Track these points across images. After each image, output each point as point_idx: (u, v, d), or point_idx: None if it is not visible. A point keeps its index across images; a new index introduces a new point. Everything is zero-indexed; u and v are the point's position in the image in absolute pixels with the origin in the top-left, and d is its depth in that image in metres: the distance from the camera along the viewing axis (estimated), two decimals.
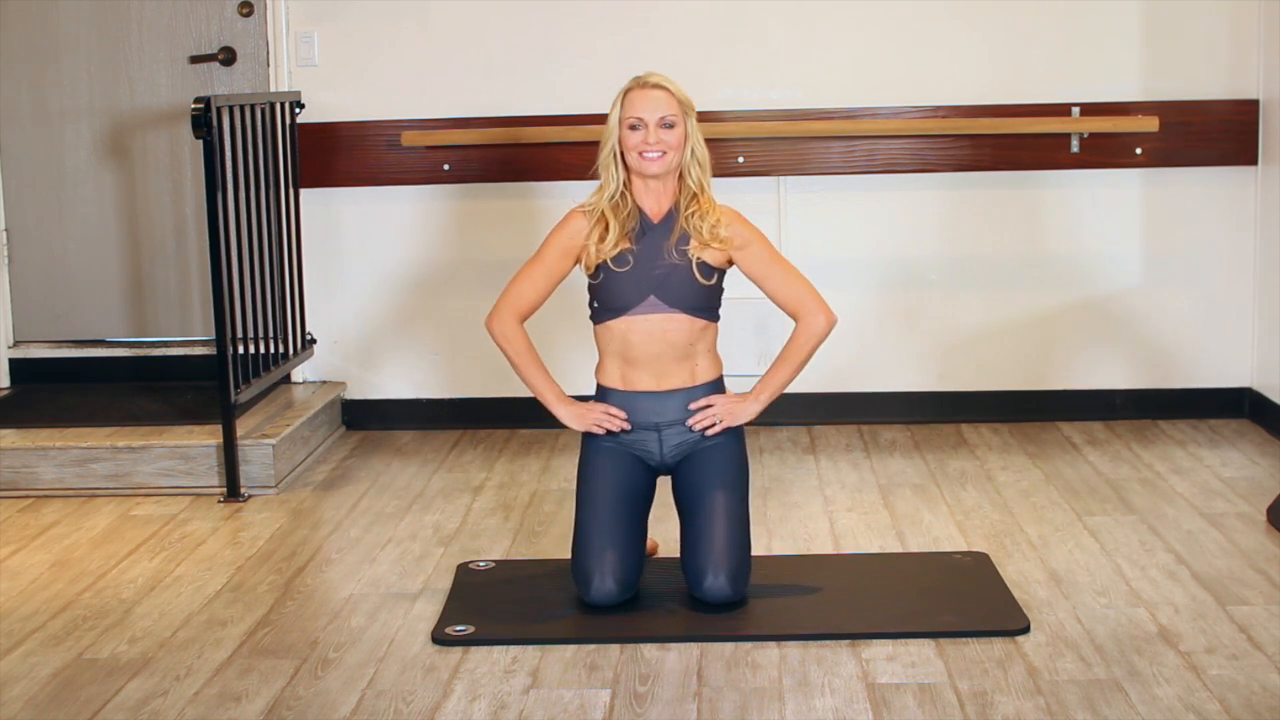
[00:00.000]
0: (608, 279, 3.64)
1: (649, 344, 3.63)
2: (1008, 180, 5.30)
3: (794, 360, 3.70)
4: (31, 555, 4.17)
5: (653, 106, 3.59)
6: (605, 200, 3.64)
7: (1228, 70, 5.20)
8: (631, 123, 3.60)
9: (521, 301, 3.71)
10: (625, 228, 3.62)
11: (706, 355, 3.69)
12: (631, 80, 3.65)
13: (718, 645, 3.40)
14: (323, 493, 4.73)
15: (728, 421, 3.68)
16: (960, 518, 4.32)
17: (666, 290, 3.61)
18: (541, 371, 3.74)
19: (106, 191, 5.59)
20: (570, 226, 3.68)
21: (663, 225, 3.65)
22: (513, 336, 3.71)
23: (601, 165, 3.66)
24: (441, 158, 5.34)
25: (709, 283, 3.64)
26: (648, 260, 3.62)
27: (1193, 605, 3.59)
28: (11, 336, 5.65)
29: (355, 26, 5.33)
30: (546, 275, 3.70)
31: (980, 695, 3.12)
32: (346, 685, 3.25)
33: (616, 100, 3.64)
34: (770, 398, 3.72)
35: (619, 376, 3.69)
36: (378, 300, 5.47)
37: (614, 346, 3.68)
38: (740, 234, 3.65)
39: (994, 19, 5.24)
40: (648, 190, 3.66)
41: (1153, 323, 5.35)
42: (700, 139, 3.66)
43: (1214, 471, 4.71)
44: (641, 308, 3.62)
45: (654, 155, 3.59)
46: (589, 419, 3.68)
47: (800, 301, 3.69)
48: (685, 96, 3.64)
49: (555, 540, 4.16)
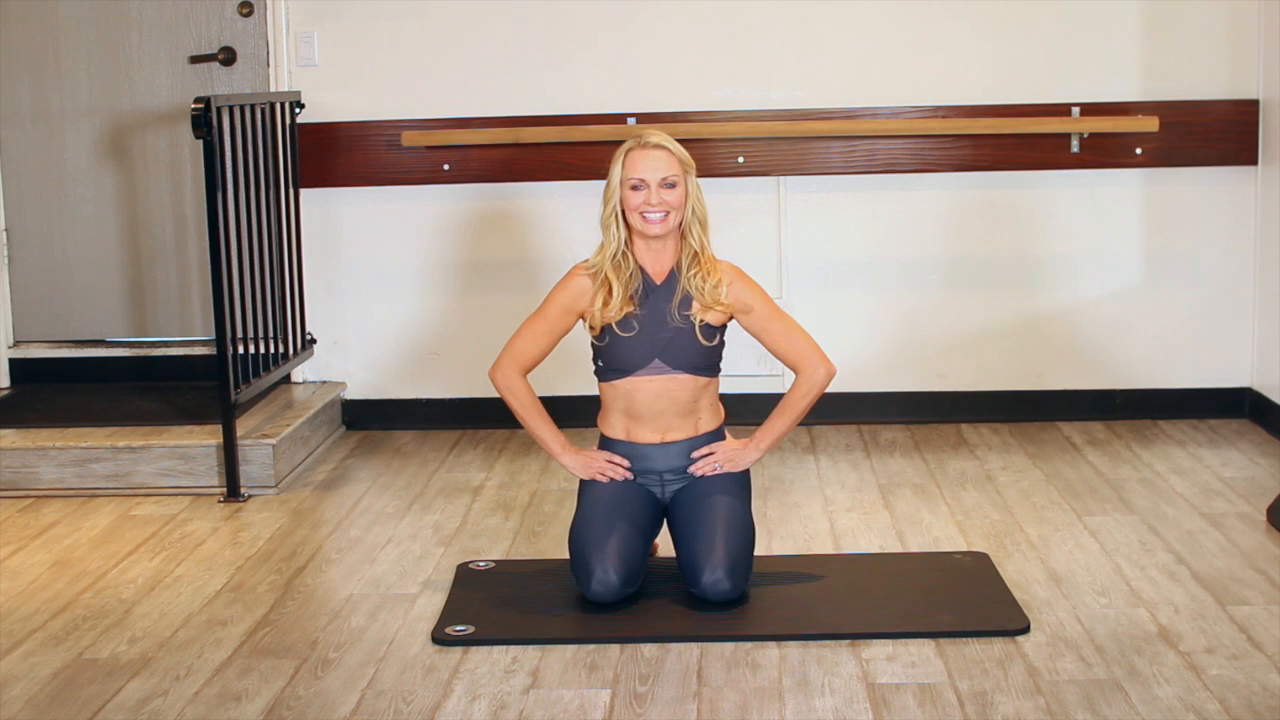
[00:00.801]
0: (613, 343, 3.68)
1: (654, 403, 3.70)
2: (1008, 180, 5.30)
3: (794, 410, 3.77)
4: (31, 555, 4.17)
5: (654, 167, 3.62)
6: (607, 260, 3.68)
7: (1228, 70, 5.20)
8: (633, 183, 3.62)
9: (524, 357, 3.76)
10: (628, 289, 3.67)
11: (709, 409, 3.77)
12: (631, 140, 3.68)
13: (718, 645, 3.40)
14: (323, 493, 4.73)
15: (728, 468, 3.76)
16: (960, 518, 4.32)
17: (671, 354, 3.67)
18: (545, 422, 3.79)
19: (106, 191, 5.59)
20: (573, 286, 3.72)
21: (665, 287, 3.69)
22: (517, 389, 3.77)
23: (603, 224, 3.69)
24: (441, 158, 5.33)
25: (711, 344, 3.71)
26: (652, 324, 3.67)
27: (1193, 605, 3.59)
28: (11, 336, 5.65)
29: (355, 26, 5.33)
30: (549, 332, 3.75)
31: (980, 695, 3.12)
32: (346, 685, 3.25)
33: (617, 159, 3.66)
34: (770, 445, 3.79)
35: (623, 430, 3.75)
36: (378, 300, 5.47)
37: (619, 404, 3.74)
38: (741, 297, 3.70)
39: (994, 19, 5.24)
40: (649, 250, 3.69)
41: (1153, 323, 5.35)
42: (700, 197, 3.70)
43: (1214, 471, 4.71)
44: (646, 370, 3.68)
45: (656, 216, 3.62)
46: (594, 468, 3.75)
47: (801, 354, 3.75)
48: (685, 155, 3.68)
49: (555, 540, 4.16)
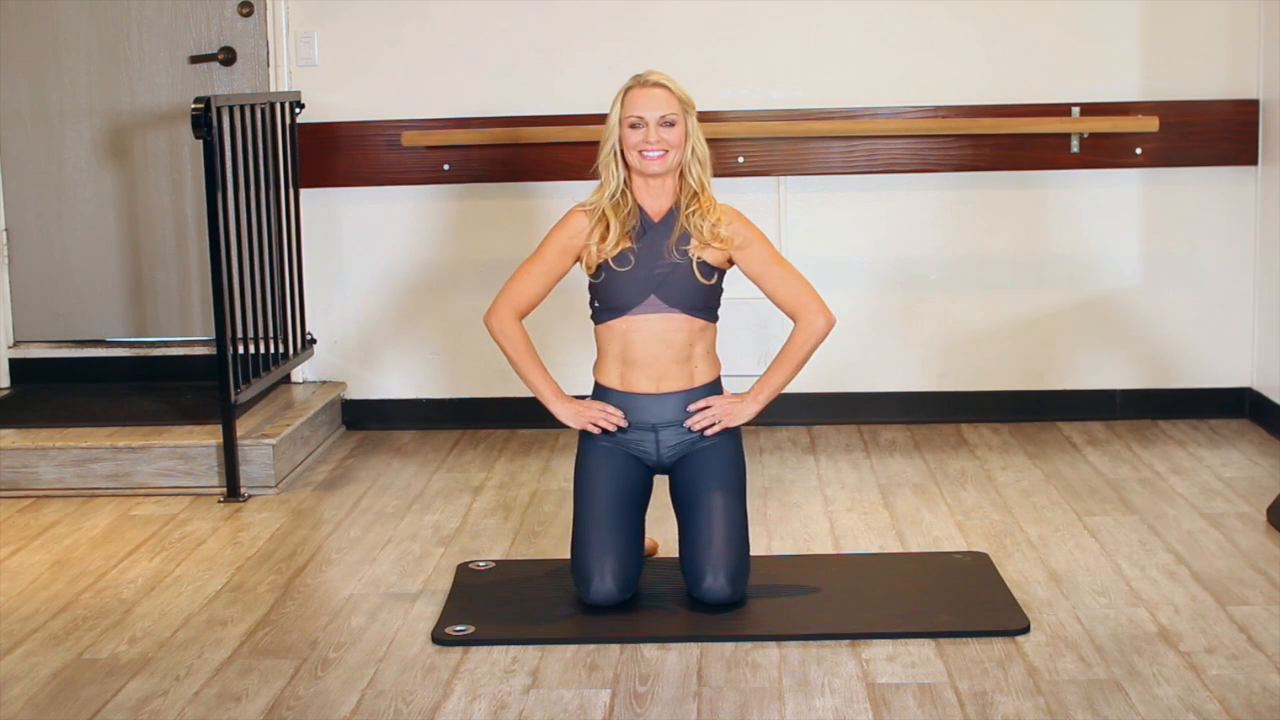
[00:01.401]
0: (609, 278, 3.63)
1: (649, 345, 3.63)
2: (1008, 180, 5.30)
3: (792, 361, 3.70)
4: (31, 555, 4.17)
5: (653, 105, 3.58)
6: (606, 199, 3.64)
7: (1228, 70, 5.20)
8: (632, 121, 3.59)
9: (520, 299, 3.71)
10: (626, 227, 3.62)
11: (705, 357, 3.69)
12: (631, 79, 3.65)
13: (718, 645, 3.40)
14: (323, 493, 4.73)
15: (726, 422, 3.68)
16: (960, 518, 4.31)
17: (667, 290, 3.61)
18: (539, 368, 3.73)
19: (106, 191, 5.59)
20: (571, 225, 3.67)
21: (663, 224, 3.65)
22: (511, 333, 3.71)
23: (601, 164, 3.65)
24: (441, 158, 5.33)
25: (709, 282, 3.64)
26: (648, 259, 3.62)
27: (1193, 605, 3.59)
28: (11, 336, 5.65)
29: (355, 26, 5.33)
30: (546, 273, 3.70)
31: (980, 695, 3.12)
32: (346, 685, 3.25)
33: (616, 99, 3.63)
34: (769, 398, 3.71)
35: (617, 377, 3.68)
36: (378, 300, 5.47)
37: (614, 347, 3.68)
38: (740, 233, 3.65)
39: (994, 19, 5.24)
40: (648, 189, 3.65)
41: (1153, 323, 5.35)
42: (700, 137, 3.65)
43: (1214, 471, 4.71)
44: (642, 308, 3.62)
45: (655, 154, 3.59)
46: (586, 417, 3.68)
47: (799, 301, 3.69)
48: (685, 94, 3.63)
49: (555, 540, 4.16)
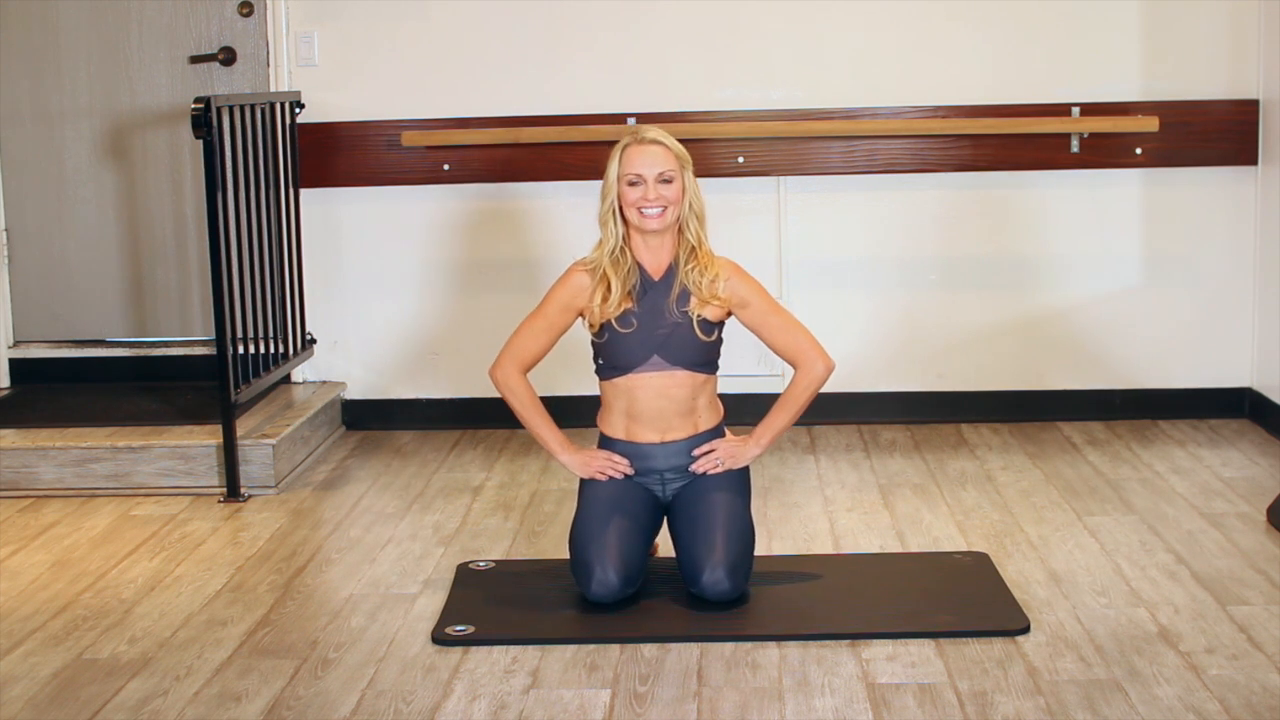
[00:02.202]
0: (612, 339, 3.68)
1: (653, 401, 3.69)
2: (1008, 180, 5.30)
3: (793, 405, 3.76)
4: (31, 555, 4.17)
5: (651, 162, 3.61)
6: (605, 256, 3.67)
7: (1228, 70, 5.20)
8: (630, 179, 3.62)
9: (524, 354, 3.76)
10: (626, 286, 3.66)
11: (708, 407, 3.76)
12: (627, 136, 3.68)
13: (718, 645, 3.40)
14: (323, 493, 4.73)
15: (729, 464, 3.75)
16: (960, 518, 4.31)
17: (669, 350, 3.66)
18: (545, 421, 3.78)
19: (106, 191, 5.59)
20: (572, 284, 3.71)
21: (663, 283, 3.69)
22: (516, 388, 3.76)
23: (600, 221, 3.69)
24: (441, 158, 5.33)
25: (710, 339, 3.70)
26: (650, 320, 3.67)
27: (1193, 605, 3.59)
28: (11, 336, 5.65)
29: (355, 26, 5.33)
30: (548, 329, 3.75)
31: (980, 695, 3.12)
32: (346, 685, 3.25)
33: (614, 156, 3.66)
34: (770, 441, 3.78)
35: (623, 429, 3.75)
36: (378, 300, 5.47)
37: (619, 403, 3.73)
38: (739, 291, 3.69)
39: (994, 19, 5.24)
40: (647, 245, 3.69)
41: (1153, 323, 5.35)
42: (697, 192, 3.69)
43: (1214, 471, 4.71)
44: (645, 367, 3.68)
45: (654, 211, 3.62)
46: (593, 467, 3.74)
47: (799, 349, 3.75)
48: (682, 151, 3.68)
49: (555, 540, 4.16)
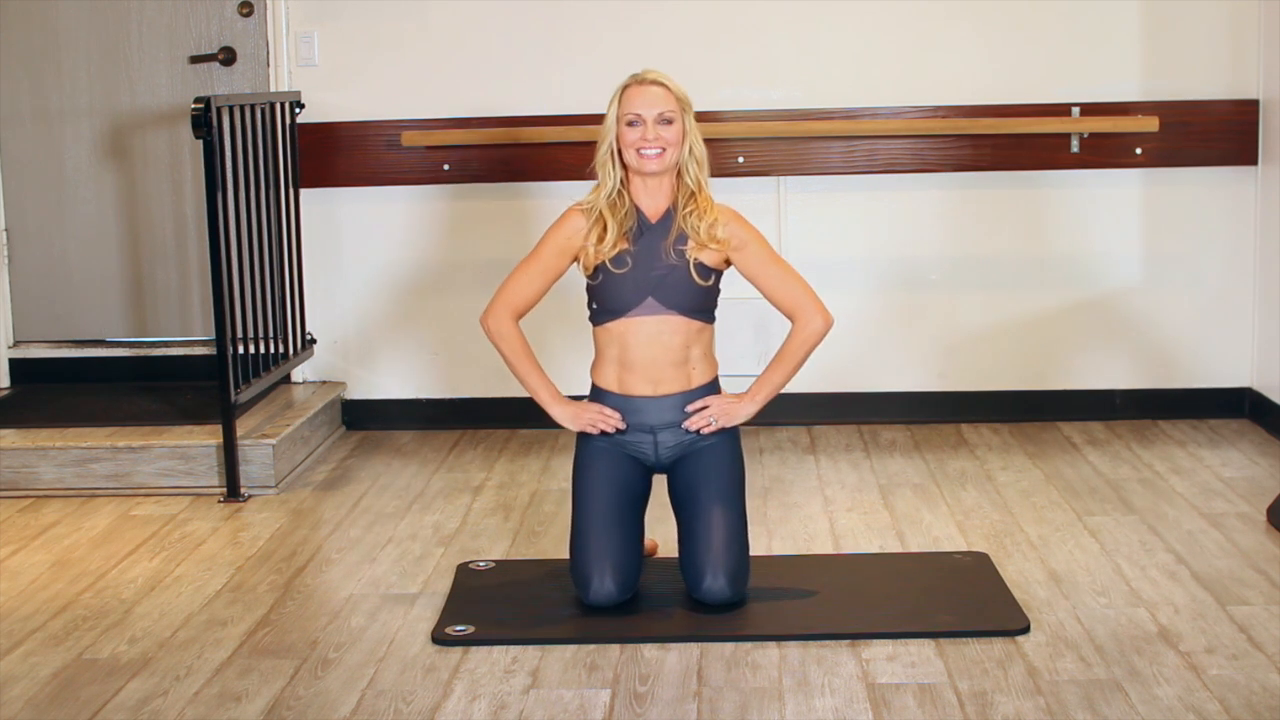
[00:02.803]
0: (606, 280, 3.62)
1: (646, 347, 3.62)
2: (1008, 180, 5.30)
3: (790, 361, 3.69)
4: (31, 555, 4.17)
5: (650, 102, 3.57)
6: (603, 199, 3.62)
7: (1228, 70, 5.20)
8: (629, 119, 3.58)
9: (517, 299, 3.69)
10: (623, 228, 3.60)
11: (703, 359, 3.68)
12: (629, 77, 3.64)
13: (718, 645, 3.40)
14: (323, 493, 4.73)
15: (723, 422, 3.67)
16: (960, 518, 4.31)
17: (664, 292, 3.60)
18: (537, 370, 3.72)
19: (106, 191, 5.59)
20: (568, 225, 3.66)
21: (660, 225, 3.63)
22: (508, 334, 3.69)
23: (599, 163, 3.64)
24: (441, 158, 5.34)
25: (706, 283, 3.63)
26: (646, 261, 3.61)
27: (1193, 605, 3.59)
28: (11, 336, 5.65)
29: (355, 26, 5.33)
30: (543, 273, 3.68)
31: (980, 695, 3.12)
32: (346, 685, 3.25)
33: (614, 97, 3.62)
34: (766, 398, 3.70)
35: (615, 379, 3.67)
36: (378, 300, 5.47)
37: (611, 350, 3.66)
38: (738, 234, 3.64)
39: (994, 19, 5.24)
40: (645, 188, 3.64)
41: (1153, 323, 5.35)
42: (698, 136, 3.63)
43: (1214, 471, 4.71)
44: (639, 310, 3.61)
45: (652, 152, 3.57)
46: (584, 419, 3.67)
47: (797, 302, 3.68)
48: (683, 93, 3.62)
49: (555, 540, 4.16)
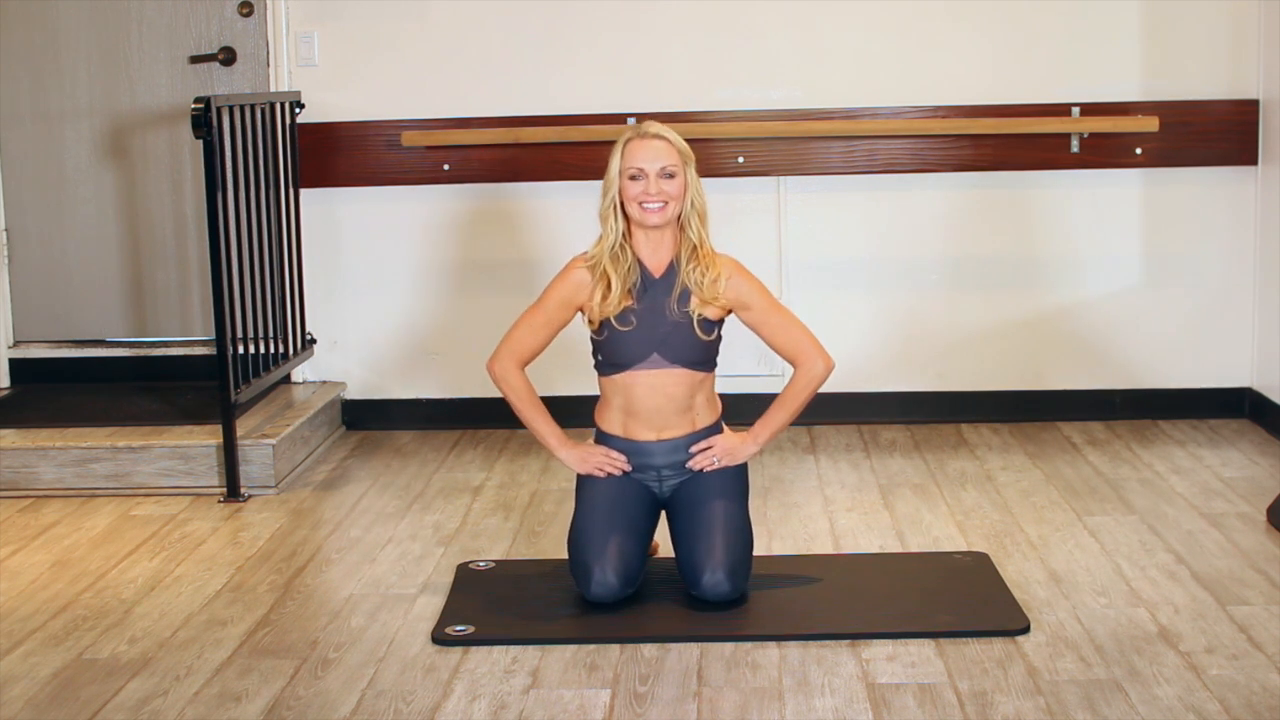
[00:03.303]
0: (611, 336, 3.67)
1: (651, 398, 3.68)
2: (1008, 180, 5.30)
3: (793, 404, 3.75)
4: (31, 555, 4.17)
5: (653, 157, 3.60)
6: (605, 252, 3.65)
7: (1228, 70, 5.20)
8: (632, 173, 3.60)
9: (522, 348, 3.74)
10: (626, 284, 3.64)
11: (706, 404, 3.75)
12: (630, 130, 3.66)
13: (718, 645, 3.40)
14: (323, 493, 4.73)
15: (725, 461, 3.74)
16: (960, 518, 4.31)
17: (669, 348, 3.65)
18: (543, 415, 3.77)
19: (106, 191, 5.59)
20: (572, 279, 3.69)
21: (664, 280, 3.67)
22: (514, 381, 3.74)
23: (601, 216, 3.67)
24: (441, 158, 5.33)
25: (709, 338, 3.69)
26: (650, 319, 3.65)
27: (1193, 605, 3.59)
28: (11, 336, 5.65)
29: (355, 26, 5.33)
30: (547, 324, 3.73)
31: (980, 695, 3.12)
32: (346, 685, 3.25)
33: (616, 150, 3.64)
34: (769, 439, 3.78)
35: (620, 425, 3.73)
36: (378, 300, 5.47)
37: (617, 399, 3.72)
38: (740, 291, 3.68)
39: (994, 19, 5.24)
40: (647, 241, 3.67)
41: (1153, 323, 5.35)
42: (700, 189, 3.67)
43: (1214, 471, 4.71)
44: (644, 364, 3.66)
45: (655, 206, 3.60)
46: (591, 463, 3.73)
47: (799, 348, 3.73)
48: (684, 146, 3.66)
49: (555, 540, 4.16)
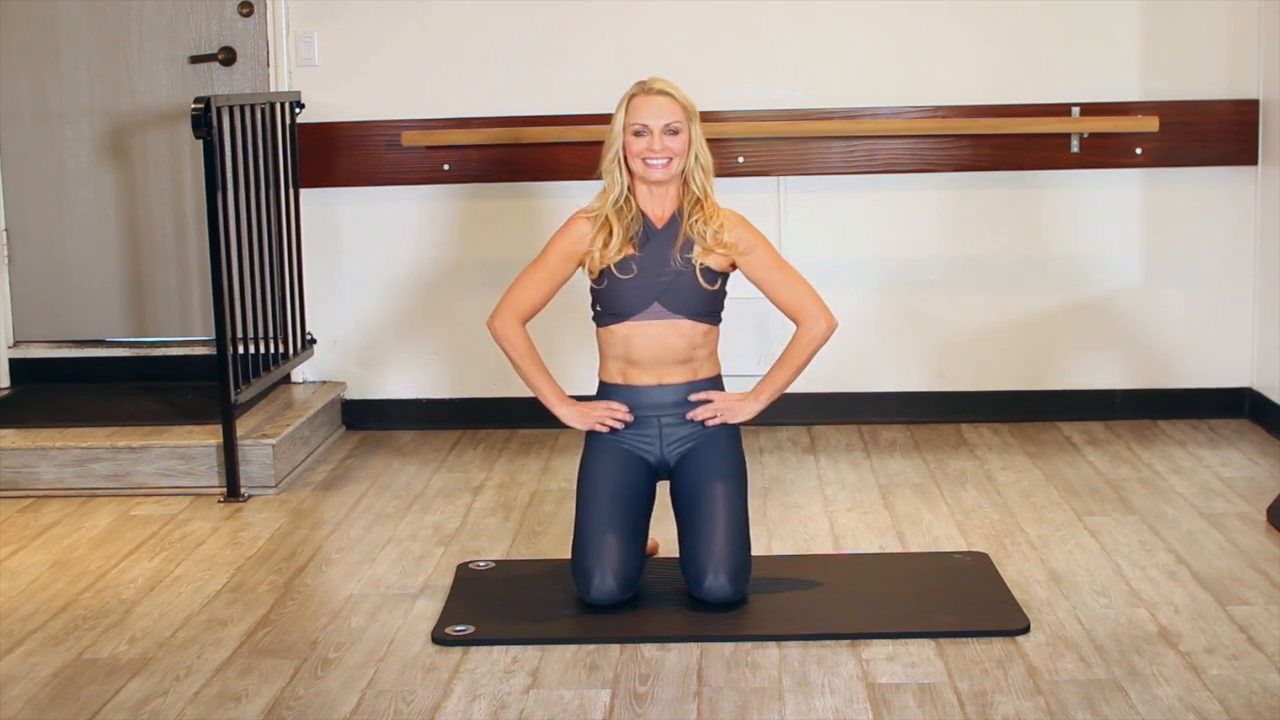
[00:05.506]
0: (612, 285, 3.64)
1: (652, 349, 3.64)
2: (1008, 180, 5.30)
3: (794, 363, 3.71)
4: (31, 555, 4.17)
5: (657, 113, 3.59)
6: (609, 205, 3.64)
7: (1228, 70, 5.20)
8: (636, 129, 3.59)
9: (523, 303, 3.71)
10: (629, 233, 3.62)
11: (707, 359, 3.71)
12: (635, 85, 3.65)
13: (718, 645, 3.40)
14: (323, 493, 4.73)
15: (726, 417, 3.69)
16: (960, 518, 4.32)
17: (671, 297, 3.62)
18: (543, 372, 3.74)
19: (106, 191, 5.59)
20: (573, 231, 3.67)
21: (666, 231, 3.65)
22: (514, 338, 3.72)
23: (605, 170, 3.65)
24: (441, 158, 5.33)
25: (712, 288, 3.65)
26: (652, 267, 3.63)
27: (1193, 605, 3.59)
28: (11, 336, 5.65)
29: (355, 26, 5.33)
30: (549, 278, 3.70)
31: (980, 695, 3.12)
32: (346, 685, 3.25)
33: (620, 105, 3.63)
34: (770, 398, 3.73)
35: (620, 374, 3.69)
36: (378, 300, 5.47)
37: (616, 350, 3.69)
38: (743, 239, 3.65)
39: (994, 19, 5.24)
40: (651, 196, 3.66)
41: (1153, 323, 5.35)
42: (704, 144, 3.66)
43: (1214, 471, 4.71)
44: (645, 314, 3.63)
45: (659, 162, 3.59)
46: (591, 418, 3.69)
47: (802, 305, 3.70)
48: (689, 102, 3.63)
49: (555, 540, 4.16)
